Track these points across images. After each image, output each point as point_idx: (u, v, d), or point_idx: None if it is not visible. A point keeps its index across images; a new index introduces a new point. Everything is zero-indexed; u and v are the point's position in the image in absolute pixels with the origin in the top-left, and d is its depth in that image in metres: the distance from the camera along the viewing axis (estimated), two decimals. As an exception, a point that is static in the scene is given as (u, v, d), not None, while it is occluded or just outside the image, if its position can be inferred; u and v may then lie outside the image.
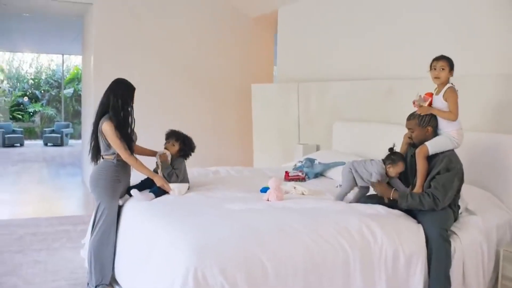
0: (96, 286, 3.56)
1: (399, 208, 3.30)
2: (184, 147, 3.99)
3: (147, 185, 3.79)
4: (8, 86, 19.49)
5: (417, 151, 3.28)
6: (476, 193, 3.69)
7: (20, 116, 18.97)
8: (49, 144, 15.87)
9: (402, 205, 3.23)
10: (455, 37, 4.40)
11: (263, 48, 8.60)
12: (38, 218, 5.90)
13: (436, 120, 3.30)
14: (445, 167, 3.17)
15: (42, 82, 19.89)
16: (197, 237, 2.71)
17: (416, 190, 3.26)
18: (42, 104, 19.36)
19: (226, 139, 8.26)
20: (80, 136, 11.55)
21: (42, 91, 19.67)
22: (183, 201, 3.51)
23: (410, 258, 3.00)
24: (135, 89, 3.72)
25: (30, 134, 18.77)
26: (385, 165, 3.42)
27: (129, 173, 3.78)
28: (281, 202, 3.46)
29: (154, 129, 4.08)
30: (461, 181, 3.25)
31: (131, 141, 3.68)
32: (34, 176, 9.74)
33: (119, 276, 3.61)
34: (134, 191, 3.63)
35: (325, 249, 2.79)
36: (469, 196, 3.53)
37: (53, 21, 10.23)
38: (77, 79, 18.46)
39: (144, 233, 3.18)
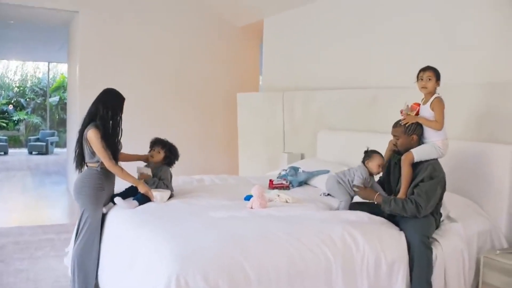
0: None
1: (382, 215, 3.34)
2: (170, 155, 4.01)
3: (131, 193, 3.79)
4: (-7, 93, 19.32)
5: (402, 157, 3.33)
6: (457, 200, 3.73)
7: (4, 124, 18.79)
8: (34, 152, 15.74)
9: (385, 210, 3.26)
10: (438, 48, 4.47)
11: (249, 58, 8.65)
12: (21, 226, 5.84)
13: (421, 129, 3.36)
14: (428, 175, 3.22)
15: (27, 90, 19.74)
16: (180, 245, 2.71)
17: (400, 196, 3.30)
18: (27, 112, 19.20)
19: (211, 147, 8.27)
20: (66, 145, 11.48)
21: (27, 99, 19.52)
22: (167, 209, 3.51)
23: (392, 265, 3.02)
24: (125, 100, 3.73)
25: (15, 142, 18.58)
26: (363, 164, 3.50)
27: (113, 181, 3.78)
28: (265, 209, 3.48)
29: (139, 137, 4.09)
30: (443, 189, 3.30)
31: (118, 151, 3.69)
32: (18, 184, 9.65)
33: (103, 284, 3.59)
34: (118, 199, 3.62)
35: (308, 257, 2.80)
36: (451, 203, 3.57)
37: (39, 28, 10.19)
38: (63, 87, 18.36)
39: (127, 241, 3.17)
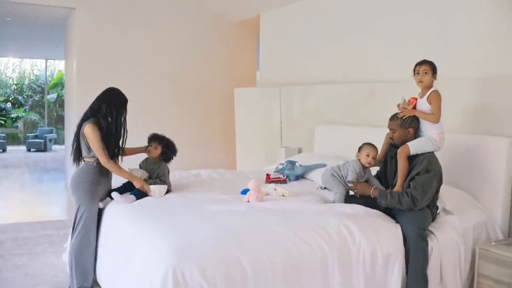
0: None
1: (378, 208, 3.36)
2: (167, 150, 4.02)
3: (128, 188, 3.80)
4: (-9, 91, 19.31)
5: (399, 150, 3.34)
6: (453, 193, 3.75)
7: (2, 122, 18.77)
8: (32, 149, 15.72)
9: (382, 203, 3.28)
10: (435, 42, 4.48)
11: (246, 53, 8.64)
12: (20, 223, 5.85)
13: (418, 122, 3.38)
14: (424, 168, 3.23)
15: (25, 87, 19.72)
16: (177, 238, 2.73)
17: (396, 189, 3.31)
18: (25, 109, 19.19)
19: (209, 143, 8.27)
20: (64, 142, 11.48)
21: (25, 96, 19.50)
22: (163, 203, 3.53)
23: (388, 258, 3.04)
24: (128, 101, 3.78)
25: (13, 139, 18.57)
26: (356, 158, 3.58)
27: (110, 176, 3.80)
28: (261, 203, 3.49)
29: (137, 133, 4.08)
30: (439, 182, 3.32)
31: (120, 151, 3.75)
32: (16, 181, 9.65)
33: (101, 278, 3.61)
34: (115, 194, 3.63)
35: (304, 250, 2.82)
36: (447, 196, 3.59)
37: (36, 25, 10.17)
38: (61, 84, 18.33)
39: (124, 235, 3.19)
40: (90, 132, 3.55)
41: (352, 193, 3.62)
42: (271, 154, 6.54)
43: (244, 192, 3.75)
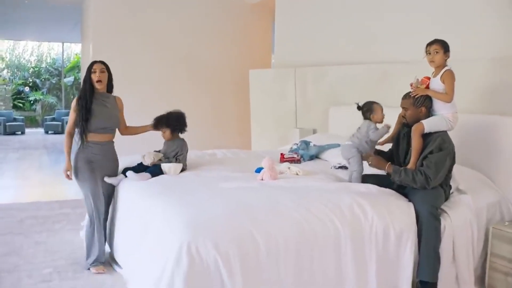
0: (91, 264, 3.68)
1: (391, 188, 3.37)
2: (175, 125, 4.01)
3: (143, 168, 3.83)
4: (9, 74, 19.53)
5: (413, 128, 3.33)
6: (467, 173, 3.74)
7: (21, 105, 19.04)
8: (50, 131, 15.95)
9: (395, 180, 3.29)
10: (449, 22, 4.44)
11: (261, 35, 8.63)
12: (39, 202, 5.97)
13: (430, 102, 3.36)
14: (438, 147, 3.23)
15: (42, 71, 19.92)
16: (191, 213, 2.78)
17: (410, 166, 3.30)
18: (43, 92, 19.41)
19: (224, 124, 8.32)
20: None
21: (43, 80, 19.71)
22: (178, 181, 3.58)
23: (400, 235, 3.06)
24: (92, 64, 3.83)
25: (31, 122, 18.86)
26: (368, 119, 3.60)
27: (107, 153, 3.84)
28: (275, 181, 3.52)
29: (152, 115, 4.12)
30: (453, 161, 3.31)
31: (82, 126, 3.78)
32: (35, 162, 9.81)
33: (117, 254, 3.70)
34: (130, 173, 3.69)
35: (317, 226, 2.85)
36: (461, 176, 3.58)
37: (53, 8, 10.25)
38: (77, 67, 18.49)
39: (140, 212, 3.25)
40: (72, 104, 3.77)
41: (366, 172, 3.63)
42: (286, 136, 6.55)
43: (258, 170, 3.78)
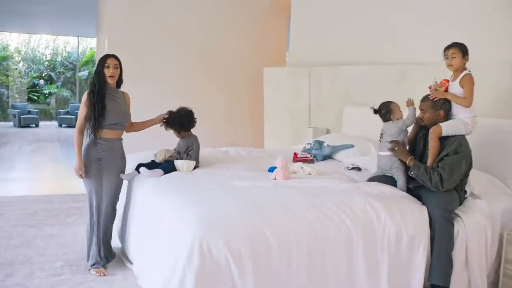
0: (91, 266, 3.65)
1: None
2: (183, 123, 4.00)
3: (156, 165, 3.85)
4: (24, 67, 19.71)
5: (431, 130, 3.31)
6: (482, 178, 3.70)
7: (35, 98, 19.20)
8: (63, 125, 16.06)
9: (412, 173, 3.29)
10: (466, 23, 4.39)
11: (277, 33, 8.60)
12: (52, 195, 6.03)
13: (449, 105, 3.34)
14: (454, 150, 3.21)
15: (57, 64, 20.07)
16: (203, 211, 2.78)
17: None
18: (57, 86, 19.55)
19: (237, 122, 8.31)
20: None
21: (58, 73, 19.85)
22: (191, 178, 3.58)
23: (413, 238, 3.03)
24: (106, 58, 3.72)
25: (45, 115, 19.01)
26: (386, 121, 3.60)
27: (115, 150, 3.73)
28: (288, 181, 3.51)
29: (166, 111, 4.13)
30: (469, 165, 3.28)
31: (95, 123, 3.61)
32: (48, 155, 9.90)
33: (128, 250, 3.71)
34: (143, 169, 3.70)
35: (329, 227, 2.84)
36: (475, 181, 3.54)
37: (69, 2, 10.32)
38: (92, 61, 18.60)
39: (152, 208, 3.26)
40: (83, 99, 3.65)
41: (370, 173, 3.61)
42: (299, 135, 6.54)
43: (271, 169, 3.77)
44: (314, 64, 6.61)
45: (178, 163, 3.80)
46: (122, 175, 3.75)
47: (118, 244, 3.99)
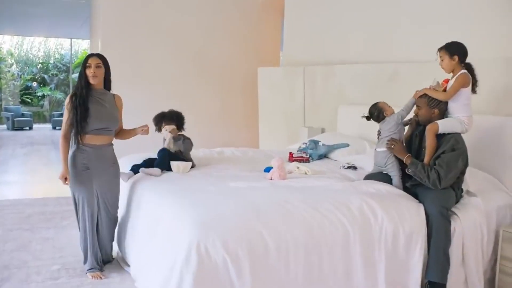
0: (88, 270, 3.59)
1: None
2: (180, 123, 4.12)
3: (150, 165, 3.85)
4: (17, 70, 19.63)
5: (427, 127, 3.33)
6: (477, 175, 3.72)
7: (29, 100, 19.12)
8: (57, 127, 15.98)
9: (409, 170, 3.30)
10: (461, 21, 4.41)
11: (270, 33, 8.59)
12: (47, 198, 5.99)
13: (445, 105, 3.36)
14: (450, 147, 3.23)
15: (50, 66, 20.00)
16: (200, 213, 2.77)
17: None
18: (51, 88, 19.48)
19: (232, 122, 8.29)
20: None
21: (51, 75, 19.79)
22: (187, 180, 3.57)
23: (410, 236, 3.04)
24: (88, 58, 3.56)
25: (39, 117, 18.94)
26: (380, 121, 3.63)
27: (104, 158, 3.53)
28: (284, 181, 3.52)
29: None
30: (465, 163, 3.30)
31: (79, 128, 3.41)
32: (42, 158, 9.85)
33: (126, 252, 3.70)
34: (142, 169, 3.74)
35: (325, 226, 2.84)
36: (471, 178, 3.56)
37: (61, 4, 10.28)
38: (85, 63, 18.53)
39: (149, 210, 3.25)
40: (65, 102, 3.50)
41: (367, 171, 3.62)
42: (294, 134, 6.54)
43: (267, 170, 3.78)
44: (308, 64, 6.62)
45: (173, 164, 3.80)
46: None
47: (115, 246, 3.97)
